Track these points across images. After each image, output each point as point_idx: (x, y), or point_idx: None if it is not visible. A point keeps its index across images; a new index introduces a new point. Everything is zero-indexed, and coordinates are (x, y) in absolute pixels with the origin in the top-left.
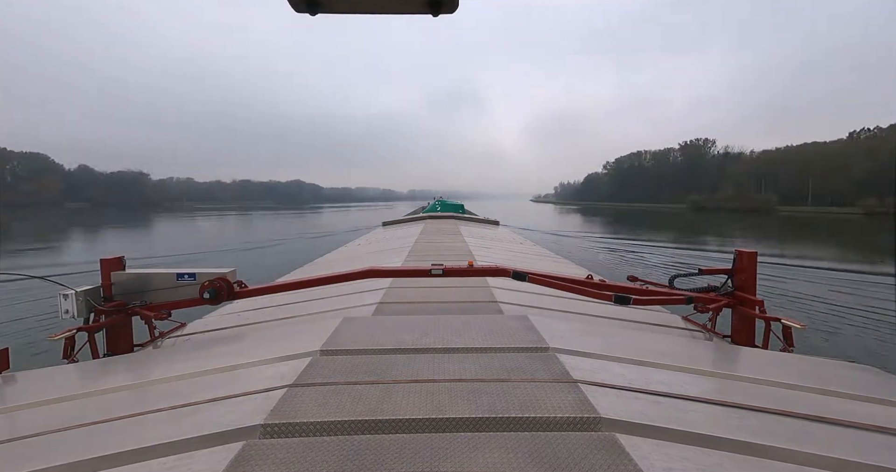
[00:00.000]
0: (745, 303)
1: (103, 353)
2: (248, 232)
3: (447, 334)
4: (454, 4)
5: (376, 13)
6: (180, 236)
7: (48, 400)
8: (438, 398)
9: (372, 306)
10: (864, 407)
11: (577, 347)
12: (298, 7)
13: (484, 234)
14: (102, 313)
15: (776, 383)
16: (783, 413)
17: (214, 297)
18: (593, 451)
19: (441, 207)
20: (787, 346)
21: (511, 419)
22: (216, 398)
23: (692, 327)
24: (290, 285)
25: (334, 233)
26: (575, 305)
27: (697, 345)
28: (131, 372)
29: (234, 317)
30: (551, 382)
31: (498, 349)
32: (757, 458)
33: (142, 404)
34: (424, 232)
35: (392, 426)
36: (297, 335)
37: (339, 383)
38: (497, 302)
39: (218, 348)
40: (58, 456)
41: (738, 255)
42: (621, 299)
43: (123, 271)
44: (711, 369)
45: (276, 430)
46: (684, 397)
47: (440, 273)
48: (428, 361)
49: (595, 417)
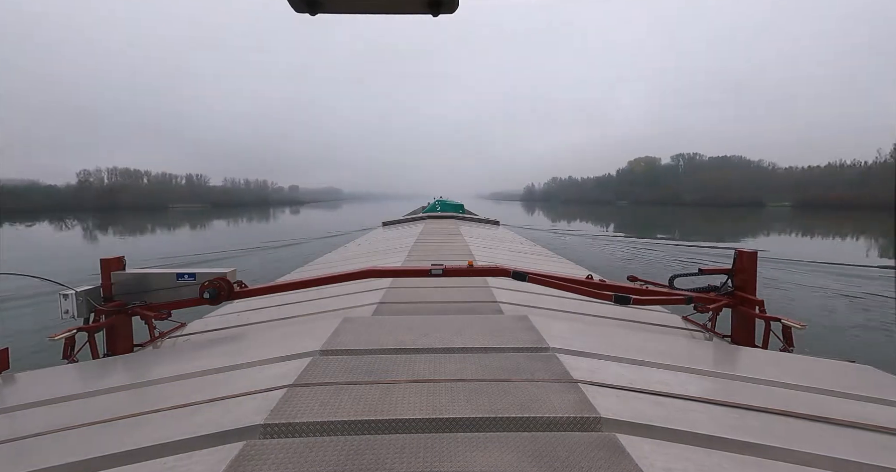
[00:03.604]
0: (745, 303)
1: (103, 353)
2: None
3: (447, 334)
4: (454, 4)
5: (376, 13)
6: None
7: (48, 400)
8: (438, 398)
9: (372, 306)
10: (864, 407)
11: (577, 347)
12: (298, 7)
13: (484, 234)
14: (102, 313)
15: (776, 383)
16: (783, 413)
17: (214, 297)
18: (593, 451)
19: (441, 207)
20: (787, 346)
21: (511, 419)
22: (216, 398)
23: (692, 327)
24: (290, 285)
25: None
26: (575, 305)
27: (697, 345)
28: (131, 372)
29: (234, 317)
30: (551, 382)
31: (498, 349)
32: (757, 458)
33: (142, 404)
34: (424, 232)
35: (392, 426)
36: (297, 335)
37: (339, 383)
38: (497, 302)
39: (218, 348)
40: (58, 456)
41: (738, 255)
42: (621, 299)
43: (123, 271)
44: (711, 369)
45: (276, 430)
46: (684, 397)
47: (440, 273)
48: (428, 361)
49: (595, 417)
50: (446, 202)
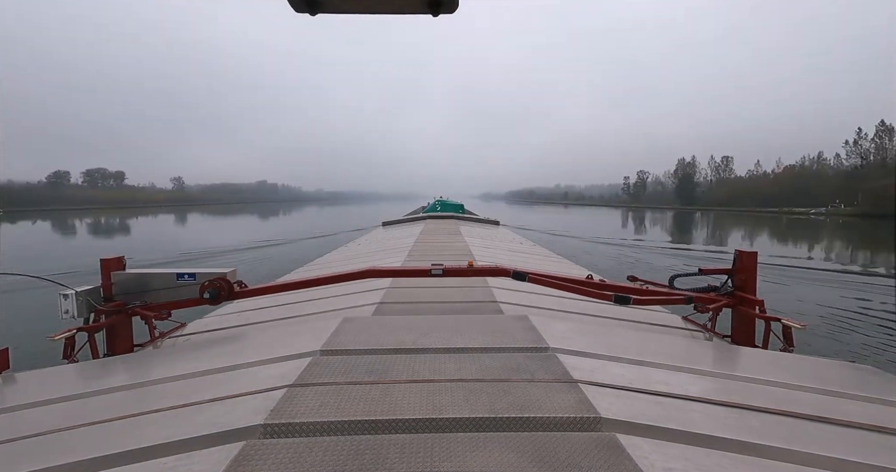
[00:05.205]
0: (745, 303)
1: (103, 353)
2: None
3: (447, 334)
4: (454, 4)
5: (376, 13)
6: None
7: (48, 400)
8: (438, 398)
9: (372, 306)
10: (864, 407)
11: (577, 347)
12: (298, 7)
13: (484, 234)
14: (102, 313)
15: (776, 383)
16: (783, 413)
17: (214, 297)
18: (593, 451)
19: (441, 207)
20: (786, 346)
21: (511, 419)
22: (216, 398)
23: (692, 327)
24: (290, 285)
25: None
26: (575, 305)
27: (697, 345)
28: (131, 372)
29: (234, 317)
30: (551, 382)
31: (498, 349)
32: (757, 458)
33: (142, 404)
34: (424, 232)
35: (392, 426)
36: (298, 335)
37: (339, 383)
38: (497, 302)
39: (218, 348)
40: (58, 456)
41: (739, 255)
42: (621, 299)
43: (123, 271)
44: (711, 369)
45: (276, 430)
46: (684, 397)
47: (440, 273)
48: (428, 361)
49: (595, 417)
50: (446, 202)
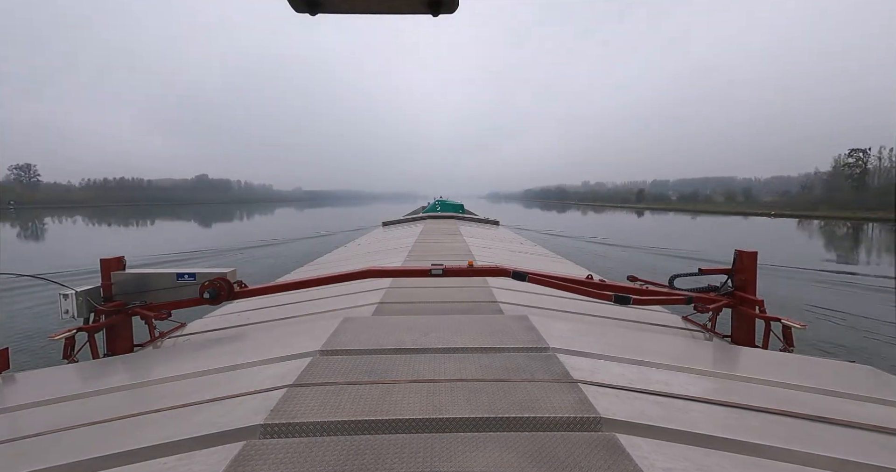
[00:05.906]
0: (745, 303)
1: (103, 353)
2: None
3: (447, 334)
4: (454, 4)
5: (376, 13)
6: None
7: (48, 400)
8: (438, 398)
9: (372, 306)
10: (863, 407)
11: (577, 347)
12: (298, 7)
13: (484, 234)
14: (102, 313)
15: (776, 383)
16: (783, 413)
17: (214, 297)
18: (593, 451)
19: (441, 207)
20: (786, 346)
21: (511, 419)
22: (216, 398)
23: (692, 327)
24: (290, 285)
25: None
26: (575, 305)
27: (697, 345)
28: (131, 372)
29: (234, 317)
30: (551, 382)
31: (498, 349)
32: (757, 458)
33: (142, 404)
34: (424, 232)
35: (392, 426)
36: (297, 335)
37: (339, 383)
38: (497, 302)
39: (218, 348)
40: (58, 456)
41: (739, 255)
42: (621, 299)
43: (123, 271)
44: (711, 369)
45: (276, 430)
46: (684, 397)
47: (440, 273)
48: (428, 361)
49: (595, 417)
50: (446, 202)
